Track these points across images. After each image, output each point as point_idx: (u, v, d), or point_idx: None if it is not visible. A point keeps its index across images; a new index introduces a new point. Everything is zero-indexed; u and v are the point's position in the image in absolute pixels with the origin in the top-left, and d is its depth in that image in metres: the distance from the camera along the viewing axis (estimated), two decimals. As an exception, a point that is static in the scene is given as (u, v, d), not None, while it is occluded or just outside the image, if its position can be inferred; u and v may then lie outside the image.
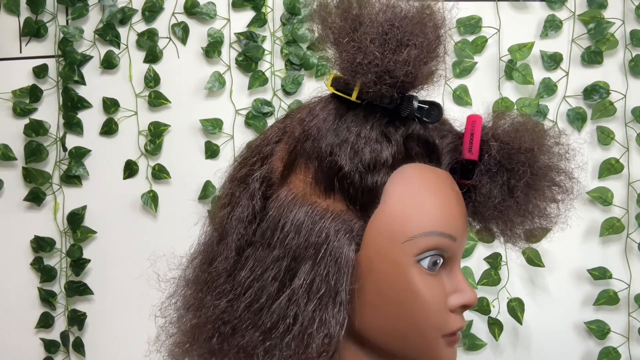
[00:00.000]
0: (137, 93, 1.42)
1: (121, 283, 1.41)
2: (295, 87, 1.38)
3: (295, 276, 0.57)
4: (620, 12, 1.36)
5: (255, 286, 0.58)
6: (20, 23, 1.43)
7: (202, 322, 0.60)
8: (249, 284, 0.58)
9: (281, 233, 0.58)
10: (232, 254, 0.61)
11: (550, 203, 0.67)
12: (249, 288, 0.58)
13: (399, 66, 0.57)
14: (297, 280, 0.57)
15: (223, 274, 0.60)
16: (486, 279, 1.35)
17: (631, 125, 1.35)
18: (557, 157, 0.66)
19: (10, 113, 1.43)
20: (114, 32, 1.41)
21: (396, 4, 0.58)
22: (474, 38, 1.37)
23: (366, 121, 0.60)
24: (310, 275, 0.57)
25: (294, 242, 0.58)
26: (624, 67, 1.36)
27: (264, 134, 0.66)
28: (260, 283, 0.58)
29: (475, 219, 0.71)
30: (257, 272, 0.58)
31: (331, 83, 0.62)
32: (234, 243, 0.61)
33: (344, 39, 0.58)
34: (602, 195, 1.34)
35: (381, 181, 0.59)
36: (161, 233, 1.42)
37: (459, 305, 0.62)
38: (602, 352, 1.34)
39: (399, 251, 0.59)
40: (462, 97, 1.36)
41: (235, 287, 0.58)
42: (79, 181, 1.43)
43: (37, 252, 1.43)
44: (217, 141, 1.40)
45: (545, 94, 1.35)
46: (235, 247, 0.61)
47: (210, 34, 1.39)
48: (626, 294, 1.34)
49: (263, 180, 0.62)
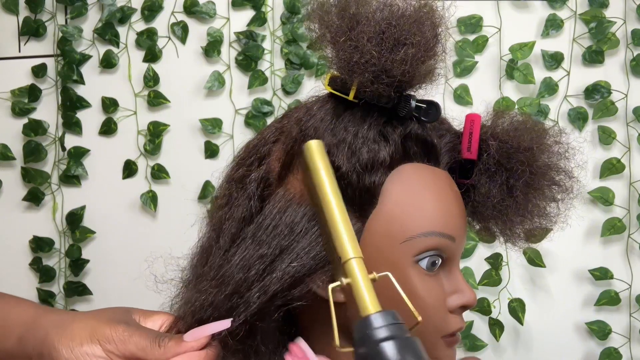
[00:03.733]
0: (136, 92, 1.41)
1: (120, 283, 1.41)
2: (295, 86, 1.37)
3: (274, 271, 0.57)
4: (622, 12, 1.35)
5: (236, 278, 0.57)
6: (19, 22, 1.43)
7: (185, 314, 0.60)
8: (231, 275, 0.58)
9: (274, 231, 0.58)
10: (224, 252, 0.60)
11: (550, 202, 0.67)
12: (230, 280, 0.57)
13: (396, 65, 0.56)
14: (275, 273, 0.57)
15: (214, 269, 0.60)
16: (487, 279, 1.34)
17: (632, 124, 1.34)
18: (556, 156, 0.65)
19: (9, 113, 1.43)
20: (113, 31, 1.41)
21: (393, 3, 0.58)
22: (475, 37, 1.37)
23: (364, 121, 0.60)
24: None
25: (285, 241, 0.57)
26: (625, 66, 1.35)
27: (261, 134, 0.66)
28: (243, 275, 0.57)
29: (474, 219, 0.71)
30: (243, 265, 0.58)
31: (328, 82, 0.61)
32: (228, 242, 0.60)
33: (340, 37, 0.58)
34: (603, 195, 1.33)
35: (379, 181, 0.59)
36: (161, 233, 1.41)
37: (458, 305, 0.62)
38: (603, 352, 1.33)
39: (397, 252, 0.58)
40: (462, 97, 1.36)
41: (219, 279, 0.58)
42: (78, 181, 1.42)
43: (36, 252, 1.42)
44: (217, 141, 1.40)
45: (546, 93, 1.35)
46: (229, 245, 0.60)
47: (209, 33, 1.39)
48: (627, 294, 1.34)
49: (260, 180, 0.62)
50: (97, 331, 0.55)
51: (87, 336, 0.54)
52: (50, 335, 0.55)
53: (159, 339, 0.55)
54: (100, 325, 0.55)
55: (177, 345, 0.55)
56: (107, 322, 0.56)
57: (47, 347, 0.55)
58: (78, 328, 0.55)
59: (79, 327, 0.55)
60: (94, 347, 0.54)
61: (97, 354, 0.54)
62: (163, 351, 0.54)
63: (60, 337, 0.55)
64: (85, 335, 0.55)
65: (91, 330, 0.55)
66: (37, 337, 0.56)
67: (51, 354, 0.54)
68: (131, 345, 0.54)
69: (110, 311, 0.59)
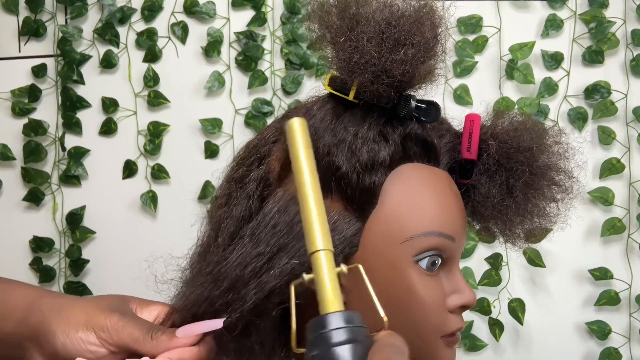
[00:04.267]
0: (136, 93, 1.41)
1: (120, 283, 1.41)
2: (295, 86, 1.37)
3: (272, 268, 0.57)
4: (622, 12, 1.35)
5: (232, 274, 0.57)
6: (19, 22, 1.43)
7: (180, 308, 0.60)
8: (228, 272, 0.58)
9: (272, 230, 0.58)
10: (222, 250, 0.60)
11: (550, 202, 0.67)
12: (227, 276, 0.57)
13: (396, 65, 0.56)
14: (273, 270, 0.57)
15: (210, 266, 0.60)
16: (487, 279, 1.34)
17: (632, 125, 1.34)
18: (556, 156, 0.65)
19: (9, 113, 1.43)
20: (113, 31, 1.41)
21: (393, 3, 0.58)
22: (475, 37, 1.37)
23: (363, 121, 0.60)
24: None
25: (283, 239, 0.57)
26: (625, 66, 1.35)
27: (261, 134, 0.66)
28: (239, 272, 0.57)
29: (474, 219, 0.71)
30: (240, 262, 0.58)
31: (328, 83, 0.61)
32: (227, 240, 0.61)
33: (340, 38, 0.58)
34: (603, 195, 1.33)
35: (379, 181, 0.59)
36: (161, 233, 1.41)
37: (458, 305, 0.62)
38: (603, 352, 1.33)
39: (397, 252, 0.58)
40: (462, 97, 1.36)
41: (215, 275, 0.58)
42: (78, 181, 1.42)
43: (36, 252, 1.42)
44: (217, 141, 1.40)
45: (546, 93, 1.35)
46: (228, 244, 0.60)
47: (209, 33, 1.39)
48: (627, 294, 1.34)
49: (260, 180, 0.62)
50: (93, 319, 0.55)
51: (83, 322, 0.55)
52: (48, 318, 0.56)
53: (151, 331, 0.55)
54: (97, 313, 0.55)
55: (169, 339, 0.55)
56: (103, 310, 0.56)
57: (44, 330, 0.55)
58: (75, 313, 0.56)
59: (76, 312, 0.56)
60: (88, 334, 0.54)
61: (91, 341, 0.54)
62: (155, 344, 0.55)
63: (58, 320, 0.55)
64: (81, 321, 0.55)
65: (87, 317, 0.55)
66: (35, 319, 0.57)
67: (47, 336, 0.55)
68: (124, 335, 0.55)
69: (108, 299, 0.59)
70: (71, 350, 0.54)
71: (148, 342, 0.55)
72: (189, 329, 0.56)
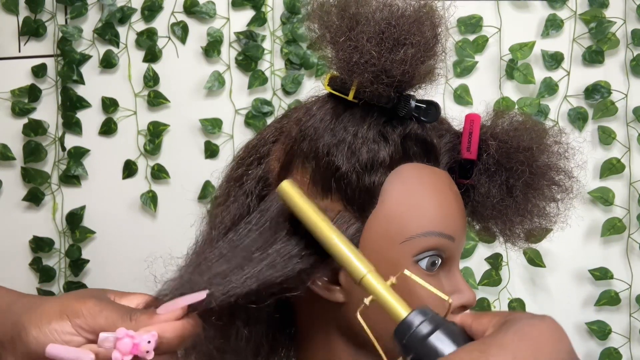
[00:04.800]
0: (136, 92, 1.41)
1: (120, 283, 1.40)
2: (295, 86, 1.37)
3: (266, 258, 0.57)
4: (622, 12, 1.35)
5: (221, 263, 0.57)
6: (19, 22, 1.43)
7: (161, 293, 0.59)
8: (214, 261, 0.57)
9: (269, 226, 0.58)
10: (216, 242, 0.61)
11: (550, 202, 0.67)
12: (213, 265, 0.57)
13: (395, 65, 0.56)
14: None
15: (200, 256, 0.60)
16: (487, 279, 1.34)
17: (632, 124, 1.34)
18: (556, 156, 0.65)
19: (9, 113, 1.43)
20: (113, 31, 1.41)
21: (393, 3, 0.58)
22: (475, 37, 1.37)
23: (363, 121, 0.60)
24: None
25: (279, 235, 0.57)
26: (625, 66, 1.35)
27: (261, 134, 0.66)
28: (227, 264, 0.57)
29: (474, 219, 0.70)
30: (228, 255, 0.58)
31: (328, 82, 0.61)
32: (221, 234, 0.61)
33: (340, 38, 0.57)
34: (603, 195, 1.33)
35: (379, 181, 0.59)
36: (160, 233, 1.41)
37: (458, 305, 0.62)
38: (604, 352, 1.33)
39: (397, 252, 0.58)
40: (462, 97, 1.36)
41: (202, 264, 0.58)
42: (78, 181, 1.42)
43: (36, 252, 1.42)
44: (217, 141, 1.40)
45: (546, 93, 1.35)
46: (222, 238, 0.60)
47: (209, 33, 1.39)
48: (627, 294, 1.34)
49: (259, 180, 0.62)
50: (67, 307, 0.52)
51: (56, 313, 0.52)
52: (22, 318, 0.53)
53: (130, 313, 0.53)
54: (70, 301, 0.53)
55: (149, 318, 0.52)
56: (79, 298, 0.53)
57: (17, 329, 0.53)
58: (47, 307, 0.53)
59: (48, 306, 0.53)
60: (62, 324, 0.52)
61: (66, 330, 0.52)
62: (134, 325, 0.52)
63: (30, 316, 0.53)
64: (54, 312, 0.52)
65: (61, 306, 0.53)
66: (9, 322, 0.54)
67: (20, 335, 0.52)
68: (101, 320, 0.52)
69: (83, 290, 0.58)
70: (44, 343, 0.51)
71: (127, 322, 0.52)
72: (171, 305, 0.54)
